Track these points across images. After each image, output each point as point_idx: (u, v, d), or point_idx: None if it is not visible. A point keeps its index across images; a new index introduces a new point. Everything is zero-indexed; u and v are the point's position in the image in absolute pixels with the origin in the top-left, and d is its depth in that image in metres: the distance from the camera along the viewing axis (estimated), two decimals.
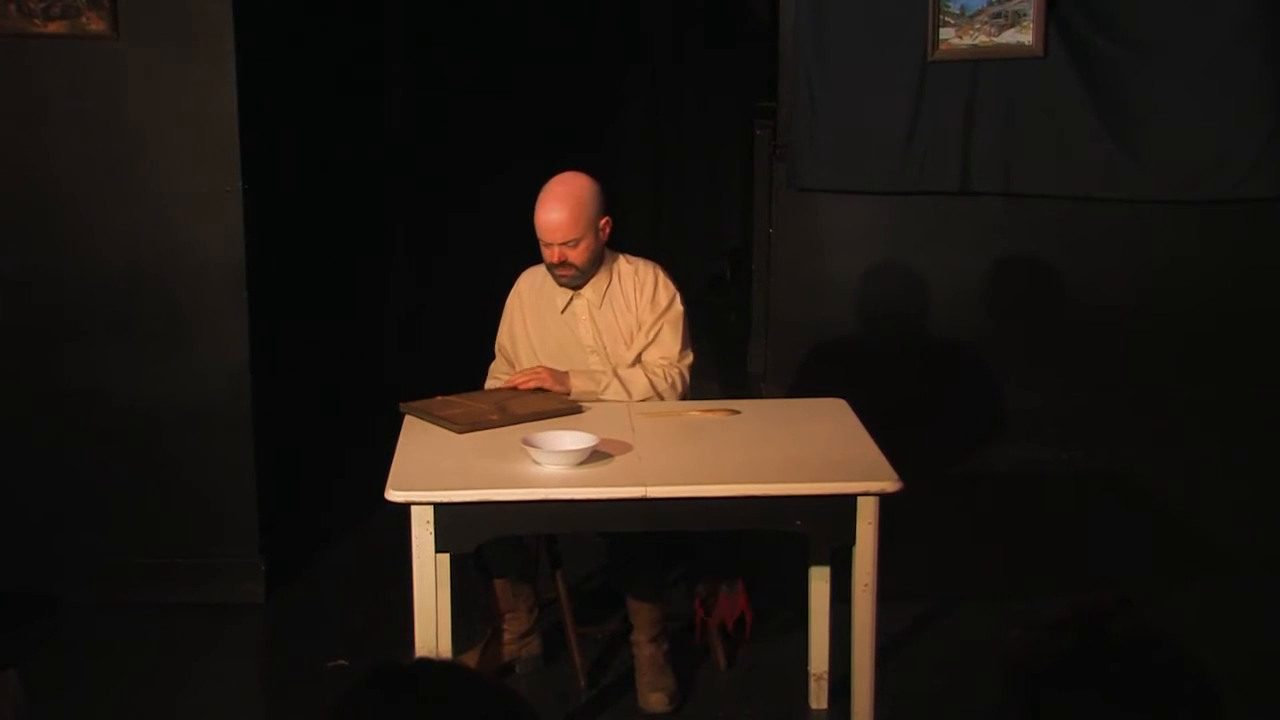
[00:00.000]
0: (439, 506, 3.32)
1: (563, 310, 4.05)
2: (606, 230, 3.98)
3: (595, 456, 3.48)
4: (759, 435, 3.77)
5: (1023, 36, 4.98)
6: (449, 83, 7.86)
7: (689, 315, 4.09)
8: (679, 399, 3.99)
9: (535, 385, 3.93)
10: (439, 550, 3.36)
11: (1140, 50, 5.02)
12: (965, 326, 5.38)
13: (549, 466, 3.45)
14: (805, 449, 3.66)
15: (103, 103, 4.31)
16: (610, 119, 8.16)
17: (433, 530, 3.32)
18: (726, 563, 4.29)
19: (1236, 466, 5.18)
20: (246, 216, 4.38)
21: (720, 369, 6.69)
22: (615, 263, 4.05)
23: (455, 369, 4.25)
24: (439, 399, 3.92)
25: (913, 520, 3.96)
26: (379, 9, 7.26)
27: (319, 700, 3.68)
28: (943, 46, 5.03)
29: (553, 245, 3.92)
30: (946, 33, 5.01)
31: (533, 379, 3.94)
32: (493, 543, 3.70)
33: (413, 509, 3.33)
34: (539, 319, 4.09)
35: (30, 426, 4.46)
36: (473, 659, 4.00)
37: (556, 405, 3.85)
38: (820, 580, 3.86)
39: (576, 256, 3.92)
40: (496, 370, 4.18)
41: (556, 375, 3.95)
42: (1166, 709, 1.53)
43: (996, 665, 1.65)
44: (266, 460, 4.59)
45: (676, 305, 4.02)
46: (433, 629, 3.41)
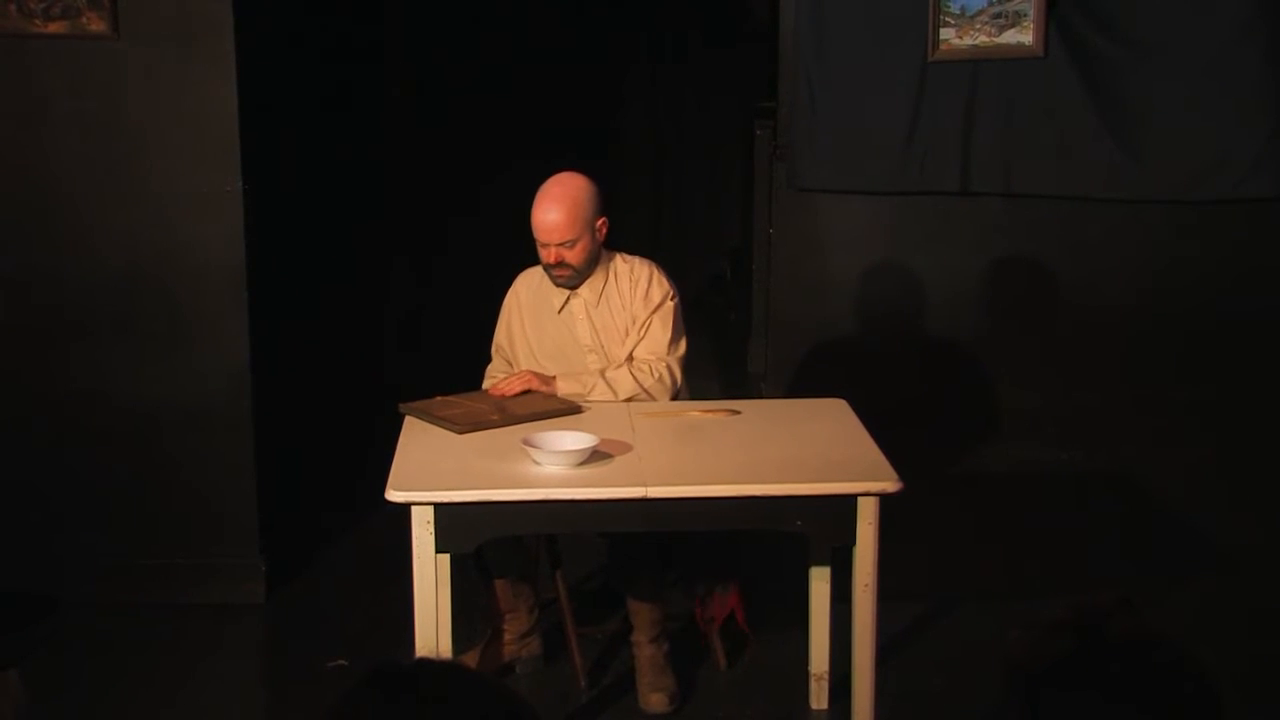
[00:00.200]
0: (439, 507, 3.32)
1: (560, 310, 4.04)
2: (603, 230, 3.98)
3: (595, 457, 3.48)
4: (759, 435, 3.77)
5: (1023, 37, 4.98)
6: (449, 82, 7.86)
7: (686, 313, 4.08)
8: (669, 393, 3.98)
9: (523, 388, 3.92)
10: (439, 550, 3.37)
11: (1140, 50, 5.02)
12: (965, 326, 5.38)
13: (549, 467, 3.45)
14: (805, 449, 3.66)
15: (103, 103, 4.31)
16: (610, 119, 8.17)
17: (433, 530, 3.32)
18: (721, 562, 4.29)
19: (1236, 466, 5.18)
20: (246, 216, 4.38)
21: (720, 369, 6.70)
22: (612, 262, 4.04)
23: (455, 369, 4.26)
24: (438, 399, 3.92)
25: (913, 520, 3.96)
26: (379, 9, 7.26)
27: (319, 700, 3.69)
28: (943, 47, 5.03)
29: (549, 246, 3.91)
30: (947, 33, 5.01)
31: (519, 384, 3.93)
32: (493, 543, 3.70)
33: (413, 509, 3.33)
34: (536, 319, 4.08)
35: (30, 426, 4.46)
36: (473, 659, 4.00)
37: (557, 405, 3.85)
38: (820, 580, 3.86)
39: (573, 257, 3.92)
40: (494, 371, 4.18)
41: (543, 379, 3.95)
42: (1166, 709, 1.53)
43: (996, 665, 1.65)
44: (266, 460, 4.59)
45: (669, 300, 4.01)
46: (433, 629, 3.41)
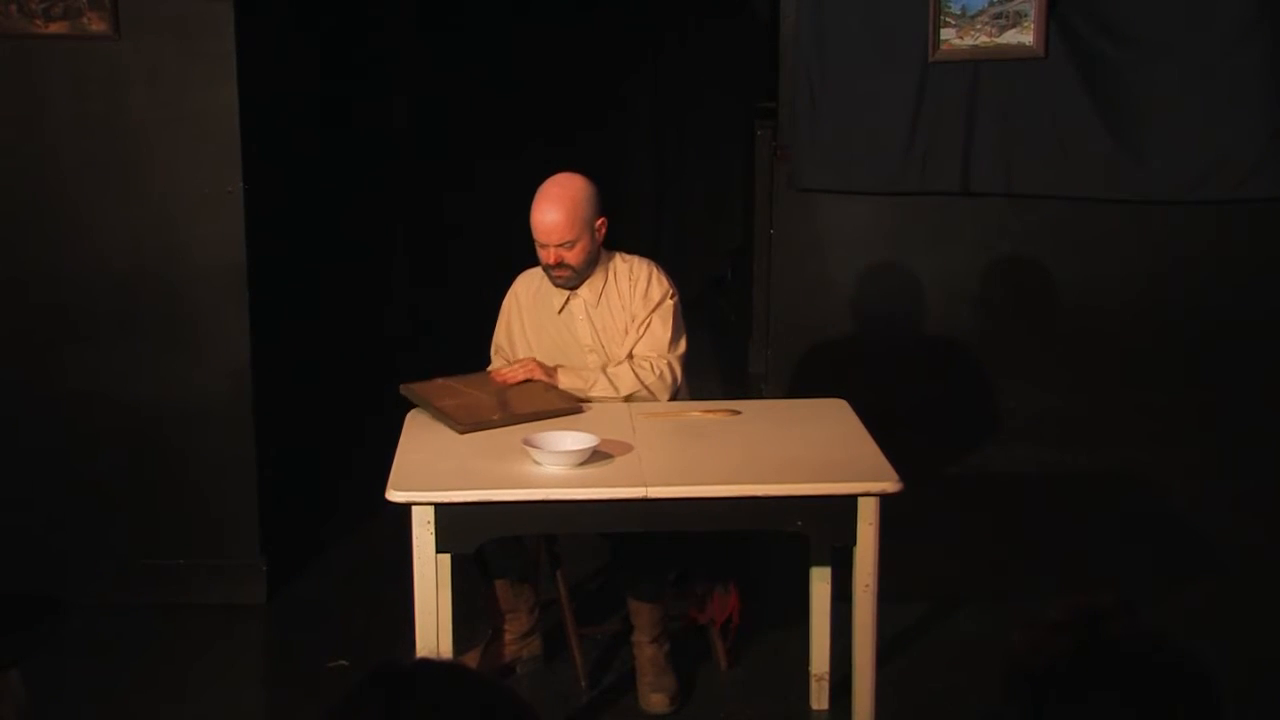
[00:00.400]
0: (439, 507, 3.32)
1: (560, 311, 4.04)
2: (602, 231, 3.98)
3: (596, 457, 3.48)
4: (760, 436, 3.77)
5: (1023, 37, 4.99)
6: (450, 83, 7.86)
7: (686, 314, 4.08)
8: (669, 391, 3.98)
9: (526, 377, 3.93)
10: (439, 550, 3.37)
11: (1141, 51, 5.03)
12: (965, 326, 5.38)
13: (550, 467, 3.45)
14: (806, 449, 3.66)
15: (104, 103, 4.31)
16: (611, 120, 8.17)
17: (433, 530, 3.33)
18: (722, 562, 4.29)
19: (1236, 466, 5.18)
20: (247, 217, 4.38)
21: (721, 369, 6.70)
22: (611, 261, 4.04)
23: (455, 369, 4.25)
24: (439, 382, 3.92)
25: (913, 520, 3.96)
26: (380, 9, 7.26)
27: (319, 700, 3.70)
28: (944, 47, 5.03)
29: (549, 246, 3.91)
30: (947, 33, 5.02)
31: (523, 372, 3.93)
32: (493, 543, 3.70)
33: (413, 509, 3.33)
34: (536, 320, 4.08)
35: (31, 427, 4.46)
36: (473, 659, 3.99)
37: (558, 405, 3.85)
38: (821, 580, 3.85)
39: (573, 258, 3.92)
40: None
41: (545, 369, 3.95)
42: (1167, 709, 1.54)
43: (997, 665, 1.65)
44: (267, 460, 4.59)
45: (669, 299, 4.01)
46: (433, 629, 3.41)
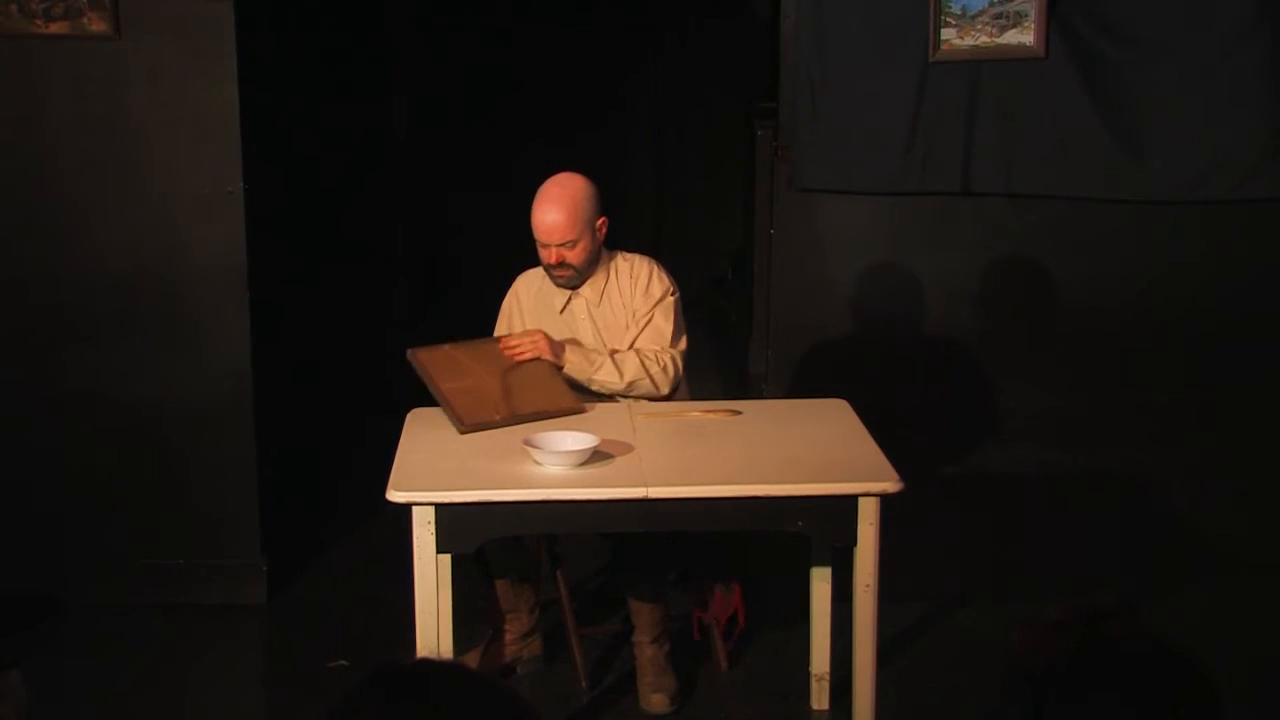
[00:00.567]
0: (440, 507, 3.32)
1: (561, 311, 4.04)
2: (603, 230, 3.97)
3: (596, 457, 3.49)
4: (760, 436, 3.77)
5: (1024, 37, 4.99)
6: (450, 83, 7.86)
7: (687, 314, 4.08)
8: (671, 384, 3.97)
9: (533, 355, 3.89)
10: (440, 551, 3.37)
11: (1141, 51, 5.02)
12: (965, 326, 5.38)
13: (550, 467, 3.45)
14: (806, 449, 3.66)
15: (104, 103, 4.31)
16: (611, 120, 8.16)
17: (434, 530, 3.33)
18: (723, 562, 4.29)
19: (1236, 466, 5.18)
20: (248, 217, 4.38)
21: (721, 369, 6.70)
22: (612, 260, 4.04)
23: None
24: (447, 349, 3.88)
25: (913, 520, 3.96)
26: (381, 9, 7.26)
27: (320, 700, 3.70)
28: (944, 47, 5.03)
29: (550, 246, 3.91)
30: (948, 33, 5.02)
31: (531, 348, 3.89)
32: (493, 543, 3.70)
33: (414, 509, 3.34)
34: (537, 320, 4.07)
35: (31, 427, 4.46)
36: (474, 660, 4.00)
37: (559, 406, 3.85)
38: (821, 581, 3.85)
39: (574, 257, 3.92)
40: None
41: (554, 345, 3.91)
42: (1166, 709, 1.54)
43: (997, 665, 1.65)
44: (267, 461, 4.59)
45: (670, 295, 4.00)
46: (434, 629, 3.41)
